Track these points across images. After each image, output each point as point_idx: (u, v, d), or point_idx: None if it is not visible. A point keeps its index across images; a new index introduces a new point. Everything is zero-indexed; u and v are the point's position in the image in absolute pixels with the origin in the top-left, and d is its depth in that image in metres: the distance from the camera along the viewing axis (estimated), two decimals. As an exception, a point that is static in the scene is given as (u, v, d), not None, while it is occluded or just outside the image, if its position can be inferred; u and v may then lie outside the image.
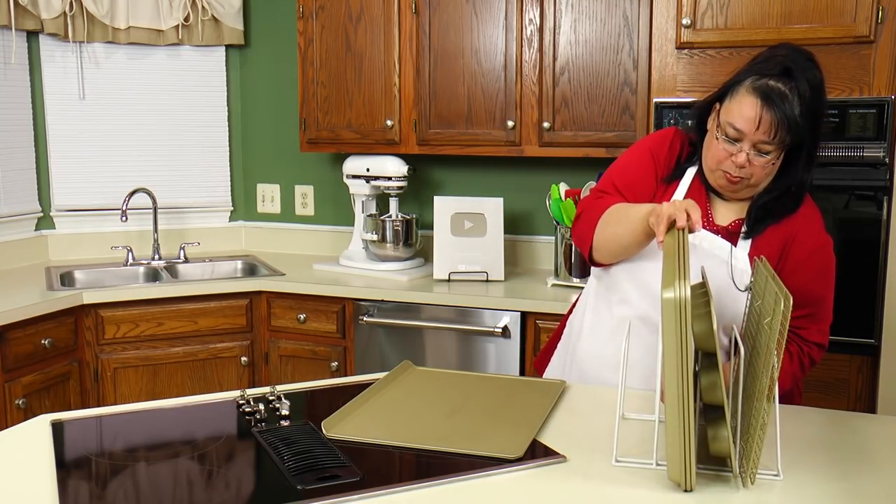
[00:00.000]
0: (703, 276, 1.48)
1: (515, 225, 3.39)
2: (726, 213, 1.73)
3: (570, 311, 2.01)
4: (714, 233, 1.70)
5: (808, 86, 1.58)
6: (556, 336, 2.03)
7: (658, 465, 1.34)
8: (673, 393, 1.19)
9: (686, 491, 1.25)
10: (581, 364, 1.86)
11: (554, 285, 2.98)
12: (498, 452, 1.36)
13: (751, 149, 1.59)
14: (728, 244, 1.68)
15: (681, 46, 2.54)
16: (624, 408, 1.59)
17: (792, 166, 1.64)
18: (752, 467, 1.25)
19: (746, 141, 1.59)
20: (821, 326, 1.72)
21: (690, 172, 1.76)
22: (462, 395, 1.68)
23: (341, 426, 1.48)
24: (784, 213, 1.68)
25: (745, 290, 1.56)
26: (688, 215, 1.43)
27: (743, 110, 1.59)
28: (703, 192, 1.74)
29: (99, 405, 2.94)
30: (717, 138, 1.64)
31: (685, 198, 1.72)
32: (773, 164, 1.62)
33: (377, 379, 1.78)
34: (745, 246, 1.68)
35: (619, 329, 1.74)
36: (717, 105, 1.69)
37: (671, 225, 1.43)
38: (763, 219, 1.68)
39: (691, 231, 1.43)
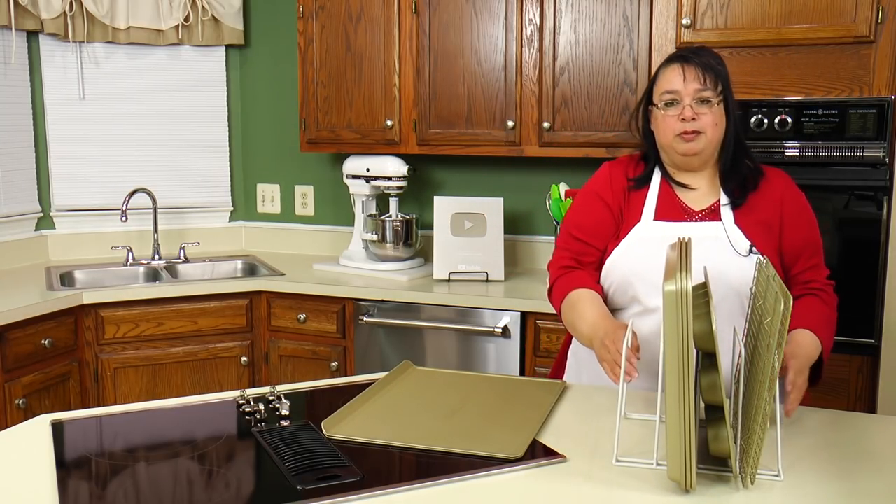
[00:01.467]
0: (706, 277, 1.48)
1: (515, 225, 3.39)
2: (700, 200, 1.81)
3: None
4: (698, 220, 1.79)
5: (711, 55, 1.77)
6: (565, 347, 2.02)
7: (658, 464, 1.34)
8: (673, 388, 1.19)
9: (686, 491, 1.25)
10: (597, 374, 1.82)
11: (554, 285, 2.98)
12: (498, 452, 1.36)
13: (692, 101, 1.72)
14: (715, 221, 1.77)
15: (681, 46, 2.54)
16: (626, 408, 1.59)
17: (730, 116, 1.77)
18: (752, 467, 1.25)
19: (685, 97, 1.73)
20: (824, 271, 1.82)
21: (657, 177, 1.85)
22: (462, 396, 1.68)
23: (341, 426, 1.48)
24: (755, 177, 1.80)
25: (748, 253, 1.70)
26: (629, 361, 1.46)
27: (669, 77, 1.76)
28: (671, 190, 1.83)
29: (99, 405, 2.94)
30: (660, 113, 1.77)
31: (657, 202, 1.81)
32: (719, 113, 1.74)
33: (377, 379, 1.78)
34: (728, 217, 1.77)
35: (645, 340, 1.73)
36: (650, 107, 1.81)
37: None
38: (742, 189, 1.78)
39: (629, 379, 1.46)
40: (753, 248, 1.72)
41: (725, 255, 1.72)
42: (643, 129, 1.86)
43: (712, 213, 1.79)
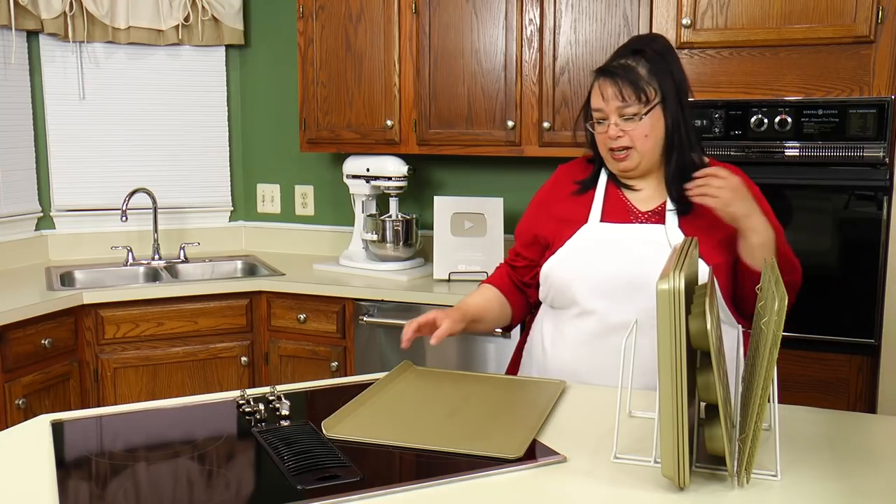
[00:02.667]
0: (710, 278, 1.48)
1: (515, 225, 3.38)
2: (646, 201, 1.82)
3: (529, 327, 2.02)
4: (643, 221, 1.80)
5: (654, 51, 1.75)
6: (516, 358, 2.04)
7: (656, 462, 1.34)
8: (667, 385, 1.20)
9: (680, 488, 1.25)
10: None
11: (554, 285, 2.98)
12: (498, 452, 1.36)
13: (618, 119, 1.73)
14: (658, 225, 1.78)
15: (681, 46, 2.54)
16: (630, 405, 1.59)
17: (668, 119, 1.75)
18: (748, 467, 1.25)
19: (611, 115, 1.74)
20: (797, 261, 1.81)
21: (602, 179, 1.87)
22: (462, 395, 1.68)
23: (341, 426, 1.48)
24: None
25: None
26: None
27: (594, 96, 1.78)
28: (618, 191, 1.85)
29: (99, 405, 2.94)
30: (593, 130, 1.80)
31: (604, 204, 1.85)
32: (649, 126, 1.73)
33: (377, 379, 1.78)
34: (673, 220, 1.77)
35: (583, 340, 1.80)
36: (587, 123, 1.84)
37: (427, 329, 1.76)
38: (683, 194, 1.76)
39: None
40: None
41: (666, 257, 1.71)
42: (588, 135, 1.87)
43: (657, 216, 1.80)
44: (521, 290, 1.98)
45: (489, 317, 1.92)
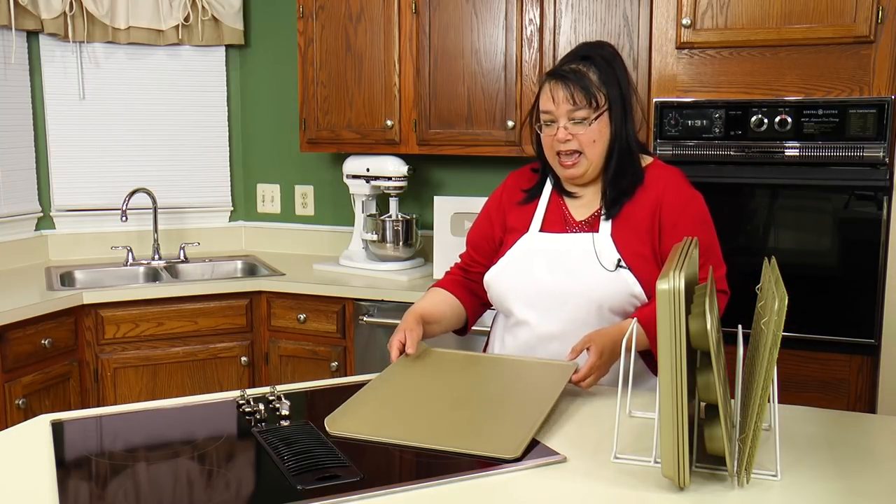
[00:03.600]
0: (710, 276, 1.48)
1: (515, 225, 3.38)
2: (583, 210, 1.85)
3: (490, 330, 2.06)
4: (576, 230, 1.82)
5: (602, 57, 1.77)
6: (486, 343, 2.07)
7: (656, 462, 1.34)
8: (667, 385, 1.20)
9: (680, 488, 1.25)
10: None
11: (554, 285, 2.98)
12: (496, 453, 1.36)
13: (567, 122, 1.74)
14: (588, 234, 1.80)
15: (681, 46, 2.54)
16: (630, 405, 1.59)
17: (613, 127, 1.77)
18: (748, 467, 1.26)
19: (560, 118, 1.75)
20: (719, 273, 1.79)
21: (547, 189, 1.89)
22: (469, 382, 1.67)
23: (342, 422, 1.48)
24: (633, 185, 1.80)
25: (616, 268, 1.74)
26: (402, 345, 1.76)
27: (543, 98, 1.79)
28: (559, 200, 1.88)
29: (99, 405, 2.94)
30: (539, 132, 1.81)
31: (545, 214, 1.87)
32: (598, 131, 1.75)
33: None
34: (606, 228, 1.79)
35: (520, 349, 1.85)
36: (535, 124, 1.85)
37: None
38: (617, 198, 1.79)
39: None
40: (622, 262, 1.74)
41: (592, 268, 1.75)
42: (535, 141, 1.88)
43: (589, 225, 1.82)
44: (474, 293, 1.99)
45: (443, 319, 1.92)
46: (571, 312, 1.77)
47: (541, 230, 1.85)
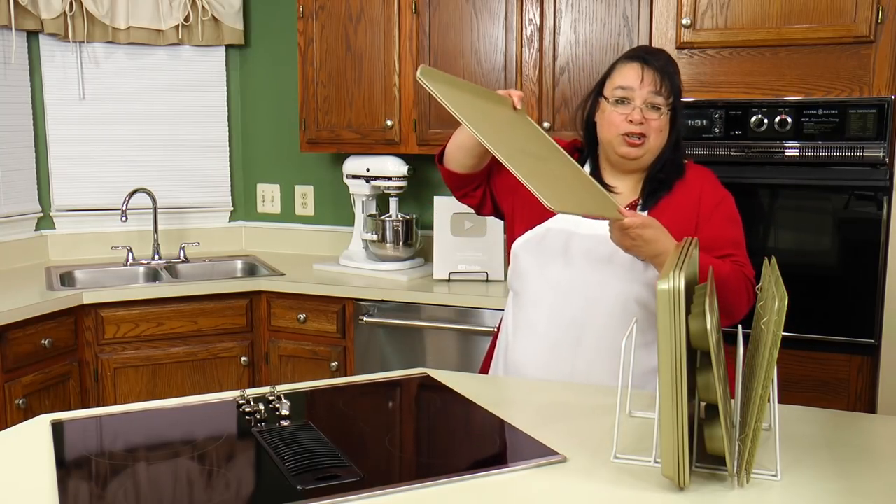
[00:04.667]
0: (710, 276, 1.48)
1: (515, 225, 3.38)
2: (621, 200, 1.82)
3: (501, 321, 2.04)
4: None
5: (670, 62, 1.79)
6: (491, 349, 2.05)
7: (656, 462, 1.34)
8: (667, 385, 1.20)
9: (680, 488, 1.25)
10: (511, 372, 1.90)
11: (554, 285, 2.98)
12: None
13: (642, 104, 1.74)
14: None
15: (681, 46, 2.54)
16: (630, 405, 1.60)
17: (673, 127, 1.79)
18: (748, 467, 1.26)
19: (637, 98, 1.74)
20: (746, 270, 1.79)
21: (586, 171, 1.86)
22: (550, 146, 1.66)
23: (437, 76, 1.47)
24: (672, 179, 1.81)
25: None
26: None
27: (626, 74, 1.76)
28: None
29: (99, 405, 2.94)
30: (610, 106, 1.77)
31: None
32: (665, 122, 1.76)
33: (378, 379, 1.78)
34: None
35: (538, 331, 1.83)
36: (599, 98, 1.82)
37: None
38: (656, 190, 1.80)
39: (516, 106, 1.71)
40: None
41: (626, 255, 1.74)
42: (586, 119, 1.86)
43: None
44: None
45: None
46: (595, 298, 1.76)
47: None
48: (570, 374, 1.81)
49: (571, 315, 1.79)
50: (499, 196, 1.95)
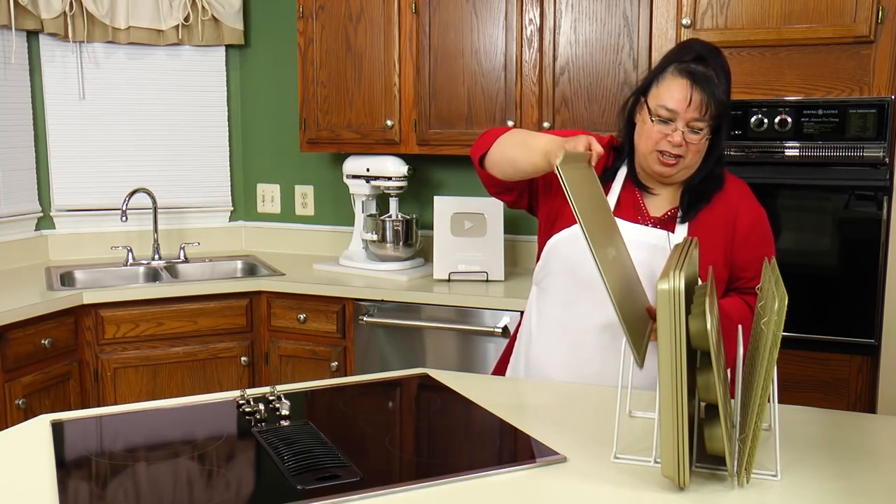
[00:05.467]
0: (710, 278, 1.48)
1: (515, 225, 3.39)
2: (659, 205, 1.81)
3: (519, 325, 2.02)
4: (651, 225, 1.79)
5: (721, 67, 1.71)
6: (510, 345, 2.04)
7: (656, 462, 1.34)
8: (667, 385, 1.20)
9: (680, 488, 1.25)
10: (532, 369, 1.88)
11: (554, 285, 2.98)
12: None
13: (684, 127, 1.68)
14: (665, 231, 1.77)
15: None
16: (630, 405, 1.59)
17: (714, 146, 1.74)
18: (748, 467, 1.26)
19: (680, 120, 1.68)
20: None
21: (621, 174, 1.83)
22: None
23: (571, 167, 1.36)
24: (712, 192, 1.78)
25: None
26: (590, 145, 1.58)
27: (673, 92, 1.68)
28: (635, 190, 1.83)
29: (99, 405, 2.94)
30: (651, 121, 1.71)
31: (619, 198, 1.81)
32: (704, 142, 1.71)
33: (378, 379, 1.77)
34: (682, 230, 1.77)
35: (568, 330, 1.81)
36: (642, 98, 1.75)
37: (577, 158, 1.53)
38: (696, 202, 1.78)
39: (591, 160, 1.57)
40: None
41: (663, 264, 1.70)
42: (627, 118, 1.81)
43: (665, 222, 1.79)
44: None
45: None
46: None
47: (612, 215, 1.78)
48: (597, 375, 1.78)
49: (605, 316, 1.75)
50: (542, 197, 1.89)
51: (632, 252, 1.72)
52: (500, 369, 2.04)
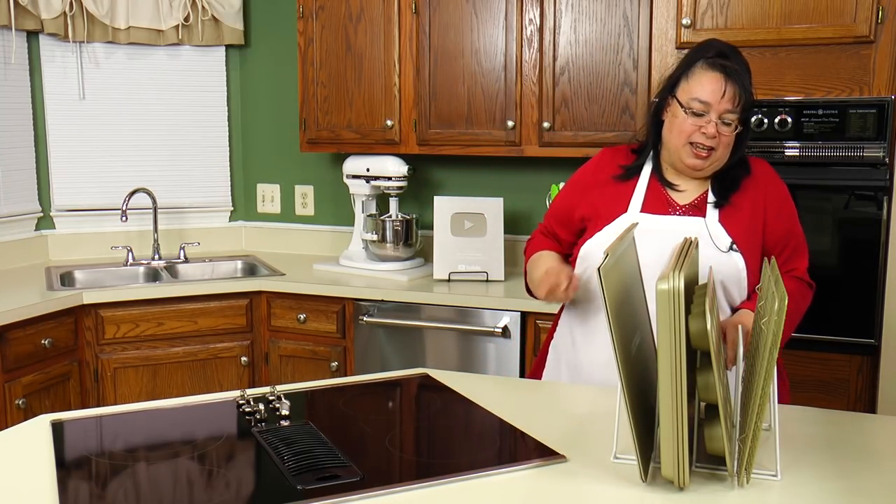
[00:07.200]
0: (710, 277, 1.48)
1: (515, 225, 3.39)
2: (686, 195, 1.83)
3: (555, 325, 2.01)
4: (681, 214, 1.81)
5: (744, 66, 1.76)
6: (545, 348, 2.03)
7: (656, 462, 1.34)
8: (667, 385, 1.20)
9: (680, 489, 1.25)
10: (581, 373, 1.87)
11: (554, 285, 2.98)
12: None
13: (717, 118, 1.71)
14: (698, 217, 1.79)
15: (681, 46, 2.54)
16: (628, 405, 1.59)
17: (740, 140, 1.78)
18: (748, 467, 1.25)
19: (713, 112, 1.71)
20: (804, 262, 1.85)
21: (647, 170, 1.86)
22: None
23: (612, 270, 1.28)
24: (741, 177, 1.82)
25: (728, 249, 1.74)
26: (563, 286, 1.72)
27: (705, 84, 1.72)
28: (660, 185, 1.85)
29: (99, 405, 2.94)
30: (684, 114, 1.74)
31: (645, 196, 1.84)
32: (734, 134, 1.75)
33: (378, 379, 1.77)
34: (714, 215, 1.79)
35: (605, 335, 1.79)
36: (669, 97, 1.78)
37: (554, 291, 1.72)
38: (727, 189, 1.81)
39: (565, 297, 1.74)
40: (734, 246, 1.75)
41: (706, 250, 1.74)
42: (653, 115, 1.84)
43: (695, 209, 1.81)
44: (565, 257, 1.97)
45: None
46: None
47: (641, 211, 1.82)
48: None
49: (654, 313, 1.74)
50: (581, 224, 1.93)
51: (666, 242, 1.73)
52: (538, 370, 2.03)
